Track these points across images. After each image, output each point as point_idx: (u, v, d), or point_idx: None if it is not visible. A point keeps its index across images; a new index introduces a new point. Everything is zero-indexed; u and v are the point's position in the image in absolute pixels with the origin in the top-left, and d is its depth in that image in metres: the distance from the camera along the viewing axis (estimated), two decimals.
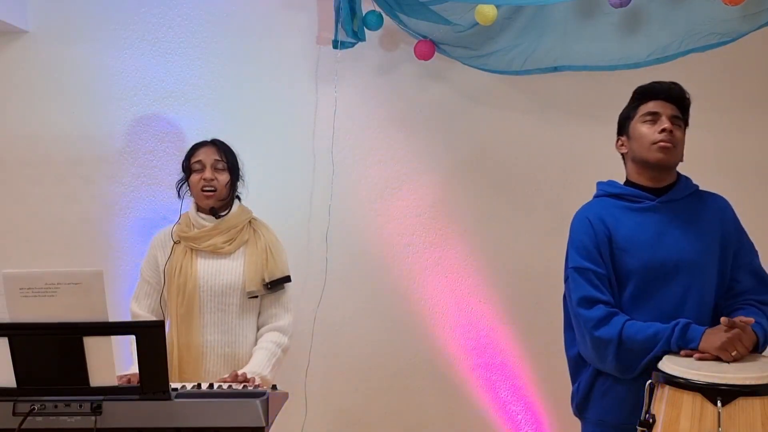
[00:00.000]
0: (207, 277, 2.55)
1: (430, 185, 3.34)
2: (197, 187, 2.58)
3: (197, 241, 2.58)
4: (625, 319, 2.10)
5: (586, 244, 2.20)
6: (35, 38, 3.27)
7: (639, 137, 2.22)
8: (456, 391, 3.36)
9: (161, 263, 2.61)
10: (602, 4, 3.00)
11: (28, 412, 1.80)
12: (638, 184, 2.26)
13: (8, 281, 1.82)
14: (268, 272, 2.58)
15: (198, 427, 1.83)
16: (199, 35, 3.29)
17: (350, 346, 3.35)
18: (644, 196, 2.23)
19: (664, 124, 2.18)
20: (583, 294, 2.16)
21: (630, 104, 2.32)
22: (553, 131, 3.30)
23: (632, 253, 2.16)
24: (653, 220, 2.20)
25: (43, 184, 3.30)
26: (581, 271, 2.18)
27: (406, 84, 3.31)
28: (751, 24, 2.87)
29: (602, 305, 2.13)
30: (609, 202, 2.27)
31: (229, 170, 2.62)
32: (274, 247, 2.62)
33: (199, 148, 2.64)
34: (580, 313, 2.15)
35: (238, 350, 2.56)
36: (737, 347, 1.97)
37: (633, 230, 2.19)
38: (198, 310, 2.53)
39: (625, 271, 2.17)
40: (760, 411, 1.84)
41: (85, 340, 1.81)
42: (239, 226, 2.62)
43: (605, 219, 2.22)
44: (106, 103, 3.29)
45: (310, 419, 3.27)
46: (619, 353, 2.08)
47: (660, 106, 2.22)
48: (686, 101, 2.27)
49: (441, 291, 3.35)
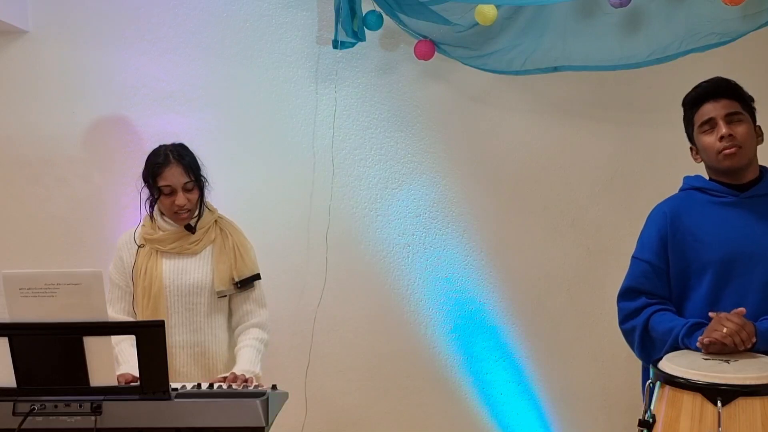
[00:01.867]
0: (173, 277, 2.55)
1: (430, 185, 3.34)
2: (170, 210, 2.54)
3: (163, 243, 2.57)
4: (654, 309, 2.18)
5: (653, 237, 2.25)
6: (35, 38, 3.27)
7: (704, 149, 2.21)
8: (456, 391, 3.36)
9: (127, 266, 2.59)
10: (602, 4, 3.00)
11: (28, 412, 1.80)
12: (722, 182, 2.25)
13: (8, 281, 1.82)
14: (237, 271, 2.57)
15: (198, 427, 1.84)
16: (199, 35, 3.29)
17: (350, 346, 3.35)
18: (727, 191, 2.22)
19: (722, 130, 2.15)
20: (630, 284, 2.26)
21: (685, 115, 2.28)
22: (553, 131, 3.30)
23: (711, 245, 2.17)
24: (735, 215, 2.19)
25: (43, 184, 3.30)
26: (639, 261, 2.27)
27: (406, 84, 3.31)
28: (751, 24, 2.87)
29: (644, 297, 2.21)
30: (693, 195, 2.27)
31: (197, 186, 2.57)
32: (242, 246, 2.62)
33: (163, 168, 2.52)
34: (619, 304, 2.28)
35: (207, 349, 2.57)
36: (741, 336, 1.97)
37: (713, 223, 2.19)
38: (165, 311, 2.53)
39: (703, 263, 2.18)
40: (760, 411, 1.83)
41: (85, 340, 1.82)
42: (205, 226, 2.61)
43: (683, 212, 2.23)
44: (106, 103, 3.28)
45: (310, 419, 3.28)
46: (643, 342, 2.20)
47: (712, 108, 2.18)
48: (736, 88, 2.22)
49: (441, 291, 3.35)
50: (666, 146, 3.17)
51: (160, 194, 2.54)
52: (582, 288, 3.31)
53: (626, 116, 3.27)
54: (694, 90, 2.25)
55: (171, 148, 2.59)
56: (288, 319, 3.31)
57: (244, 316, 2.62)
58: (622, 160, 3.28)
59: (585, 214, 3.30)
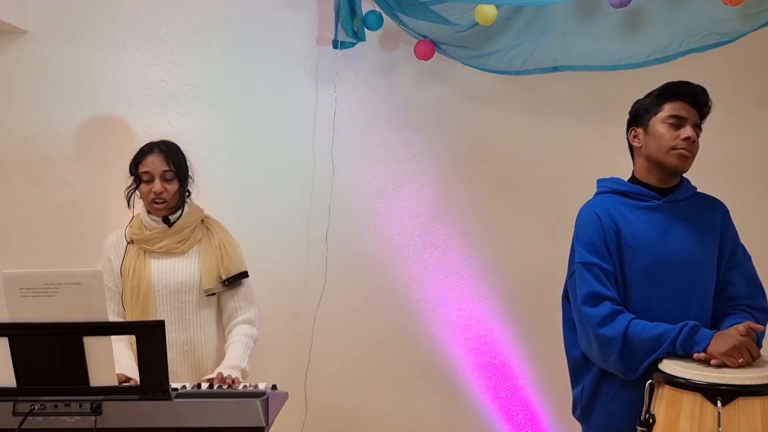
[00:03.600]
0: (161, 276, 2.56)
1: (430, 185, 3.34)
2: (147, 198, 2.57)
3: (150, 242, 2.58)
4: (630, 318, 2.07)
5: (594, 240, 2.18)
6: (35, 38, 3.27)
7: (659, 137, 2.19)
8: (456, 391, 3.36)
9: (115, 266, 2.60)
10: (602, 4, 3.00)
11: (28, 412, 1.80)
12: (644, 183, 2.25)
13: (8, 281, 1.82)
14: (224, 269, 2.59)
15: (198, 427, 1.84)
16: (199, 35, 3.29)
17: (350, 346, 3.35)
18: (650, 195, 2.22)
19: (689, 132, 2.15)
20: (589, 290, 2.13)
21: (654, 98, 2.26)
22: (553, 131, 3.30)
23: (640, 251, 2.16)
24: (659, 219, 2.19)
25: (43, 184, 3.30)
26: (589, 266, 2.16)
27: (406, 84, 3.31)
28: (751, 24, 2.87)
29: (608, 302, 2.11)
30: (614, 198, 2.26)
31: (178, 177, 2.58)
32: (228, 244, 2.63)
33: (146, 156, 2.58)
34: (585, 310, 2.12)
35: (197, 347, 2.58)
36: (744, 354, 1.95)
37: (640, 228, 2.18)
38: (154, 310, 2.54)
39: (633, 269, 2.16)
40: (760, 411, 1.84)
41: (85, 340, 1.82)
42: (191, 225, 2.62)
43: (613, 215, 2.20)
44: (105, 103, 3.28)
45: (310, 419, 3.28)
46: (623, 352, 2.05)
47: (686, 110, 2.19)
48: (707, 110, 2.24)
49: (441, 291, 3.35)
50: None
51: (140, 182, 2.57)
52: None
53: (626, 116, 3.25)
54: (681, 84, 2.23)
55: (158, 141, 2.64)
56: (288, 319, 3.31)
57: (233, 313, 2.63)
58: (622, 160, 3.26)
59: None
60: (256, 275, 2.74)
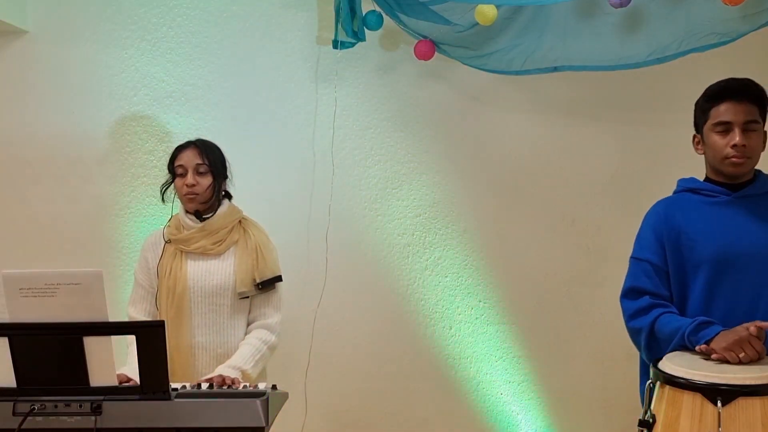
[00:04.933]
0: (197, 278, 2.55)
1: (430, 185, 3.34)
2: (181, 191, 2.58)
3: (186, 243, 2.57)
4: (661, 311, 2.15)
5: (650, 236, 2.25)
6: (35, 38, 3.27)
7: (711, 147, 2.19)
8: (456, 391, 3.36)
9: (152, 266, 2.60)
10: (602, 4, 3.00)
11: (28, 412, 1.80)
12: (715, 181, 2.25)
13: (8, 281, 1.82)
14: (258, 272, 2.57)
15: (198, 427, 1.83)
16: (199, 35, 3.29)
17: (350, 346, 3.35)
18: (720, 191, 2.22)
19: (736, 138, 2.12)
20: (632, 284, 2.24)
21: (702, 104, 2.24)
22: (553, 131, 3.30)
23: (704, 244, 2.16)
24: (728, 213, 2.19)
25: (43, 184, 3.30)
26: (638, 261, 2.26)
27: (406, 84, 3.31)
28: (751, 24, 2.87)
29: (648, 296, 2.19)
30: (687, 196, 2.27)
31: (212, 172, 2.59)
32: (264, 247, 2.62)
33: (181, 151, 2.61)
34: (623, 302, 2.25)
35: (230, 350, 2.55)
36: (746, 349, 1.95)
37: (707, 222, 2.19)
38: (188, 312, 2.53)
39: (696, 261, 2.17)
40: (760, 411, 1.84)
41: (85, 340, 1.81)
42: (228, 226, 2.61)
43: (678, 212, 2.23)
44: (106, 103, 3.29)
45: (310, 419, 3.27)
46: (649, 342, 2.17)
47: (732, 111, 2.14)
48: (762, 96, 2.19)
49: (441, 291, 3.35)
50: (666, 146, 3.17)
51: (175, 176, 2.59)
52: (582, 288, 3.31)
53: (626, 116, 3.27)
54: (723, 85, 2.20)
55: (195, 139, 2.67)
56: (288, 319, 3.28)
57: (258, 317, 2.61)
58: (622, 160, 3.28)
59: (585, 214, 3.30)
60: None
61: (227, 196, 2.70)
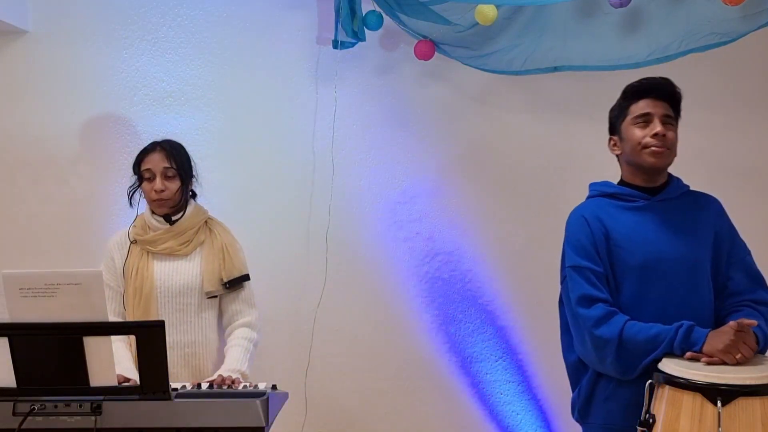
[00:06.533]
0: (164, 278, 2.55)
1: (430, 185, 3.34)
2: (150, 195, 2.58)
3: (153, 244, 2.58)
4: (625, 319, 2.07)
5: (583, 243, 2.18)
6: (35, 38, 3.27)
7: (631, 140, 2.20)
8: (456, 391, 3.36)
9: (118, 266, 2.60)
10: (602, 4, 3.00)
11: (28, 412, 1.81)
12: (632, 184, 2.25)
13: (8, 281, 1.82)
14: (226, 272, 2.58)
15: (198, 427, 1.84)
16: (199, 35, 3.29)
17: (350, 346, 3.35)
18: (639, 195, 2.22)
19: (657, 127, 2.15)
20: (581, 292, 2.13)
21: (620, 103, 2.28)
22: (552, 131, 3.30)
23: (630, 250, 2.15)
24: (649, 219, 2.19)
25: (43, 184, 3.30)
26: (579, 269, 2.16)
27: (406, 84, 3.31)
28: (751, 24, 2.87)
29: (602, 304, 2.10)
30: (604, 201, 2.26)
31: (180, 175, 2.58)
32: (231, 247, 2.62)
33: (147, 153, 2.59)
34: (580, 312, 2.12)
35: (198, 350, 2.57)
36: (742, 350, 1.95)
37: (630, 228, 2.18)
38: (156, 312, 2.53)
39: (624, 268, 2.15)
40: (760, 411, 1.84)
41: (85, 340, 1.82)
42: (195, 227, 2.61)
43: (601, 217, 2.21)
44: (106, 103, 3.28)
45: (310, 419, 3.27)
46: (620, 353, 2.05)
47: (651, 105, 2.19)
48: (677, 96, 2.23)
49: (441, 291, 3.35)
50: None
51: (142, 180, 2.58)
52: None
53: None
54: (641, 82, 2.23)
55: (161, 140, 2.64)
56: (288, 319, 3.31)
57: (234, 316, 2.62)
58: None
59: None
60: (256, 275, 2.73)
61: (193, 196, 2.70)
